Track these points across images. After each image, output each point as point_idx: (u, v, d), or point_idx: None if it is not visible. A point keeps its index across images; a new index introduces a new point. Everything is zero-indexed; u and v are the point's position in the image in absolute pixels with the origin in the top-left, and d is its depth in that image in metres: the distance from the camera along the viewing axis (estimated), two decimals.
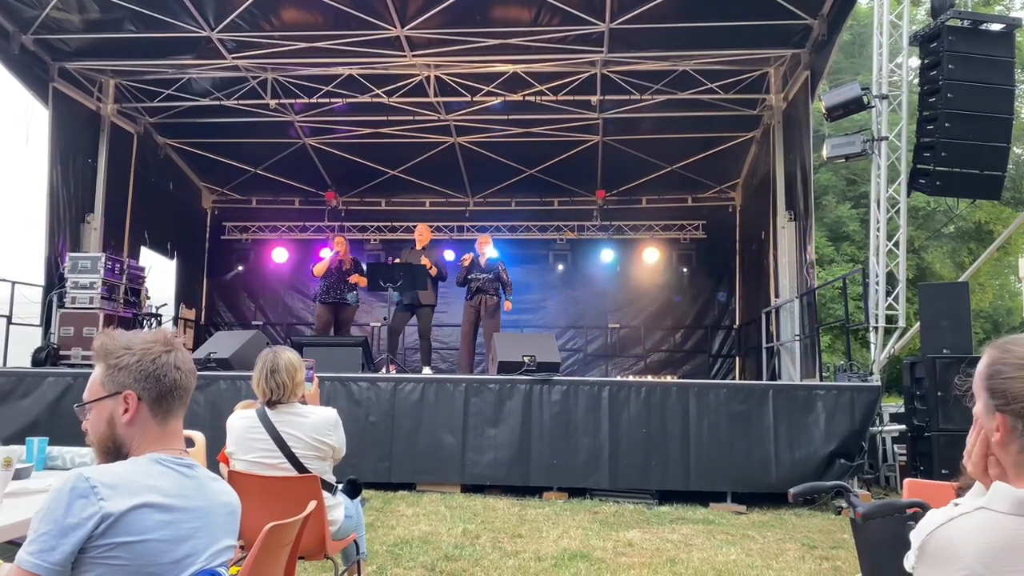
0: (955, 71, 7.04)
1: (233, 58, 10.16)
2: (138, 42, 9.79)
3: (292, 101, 11.35)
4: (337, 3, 8.96)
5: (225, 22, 9.29)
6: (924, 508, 2.28)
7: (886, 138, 7.56)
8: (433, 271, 9.40)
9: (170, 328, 9.88)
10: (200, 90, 11.27)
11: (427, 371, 9.43)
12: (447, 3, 8.85)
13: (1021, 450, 1.32)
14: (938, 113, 7.08)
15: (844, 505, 6.33)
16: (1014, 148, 15.17)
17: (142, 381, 1.68)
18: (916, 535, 1.31)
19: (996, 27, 7.41)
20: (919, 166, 7.37)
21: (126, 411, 1.68)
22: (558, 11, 9.04)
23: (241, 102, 11.21)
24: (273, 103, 11.09)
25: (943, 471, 6.27)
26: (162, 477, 1.64)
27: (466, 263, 9.69)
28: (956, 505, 1.34)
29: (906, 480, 2.84)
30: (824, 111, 7.83)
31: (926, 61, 7.36)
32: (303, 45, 9.87)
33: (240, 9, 9.05)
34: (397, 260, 9.91)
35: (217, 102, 11.22)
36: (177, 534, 1.60)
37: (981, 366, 1.41)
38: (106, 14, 9.22)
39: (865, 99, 7.58)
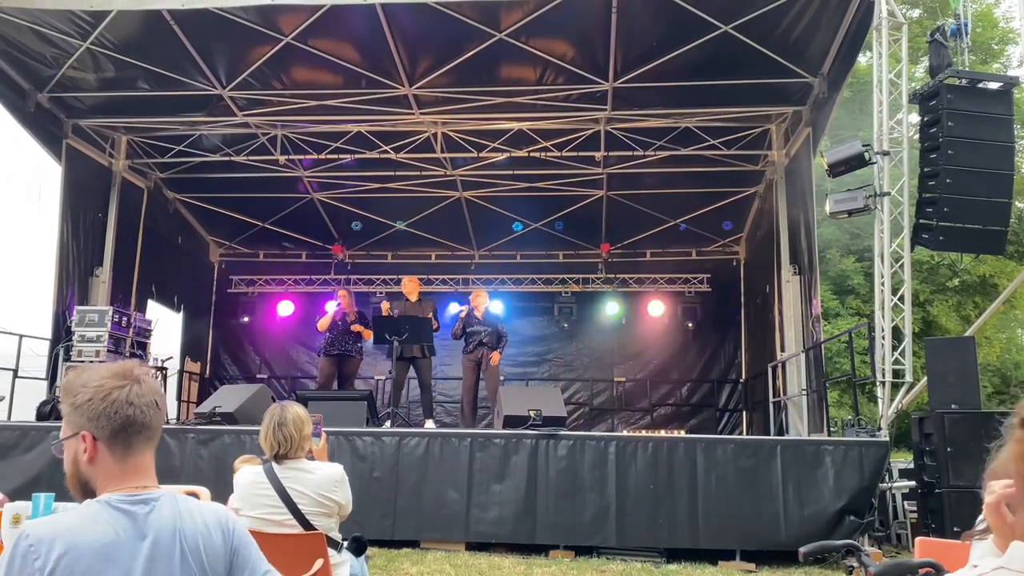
0: (955, 128, 7.12)
1: (244, 115, 10.35)
2: (151, 100, 9.99)
3: (301, 157, 11.53)
4: (347, 63, 9.17)
5: (237, 80, 9.50)
6: (936, 568, 2.26)
7: (888, 193, 7.60)
8: (435, 324, 9.45)
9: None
10: (210, 146, 11.45)
11: (429, 424, 9.34)
12: (455, 63, 9.05)
13: None
14: (939, 169, 7.14)
15: (855, 564, 6.21)
16: (1016, 203, 15.26)
17: (95, 420, 1.63)
18: None
19: (994, 86, 7.52)
20: (922, 221, 7.40)
21: (86, 451, 1.64)
22: (563, 71, 9.24)
23: (251, 158, 11.38)
24: (282, 159, 11.25)
25: (954, 528, 6.17)
26: (107, 524, 1.57)
27: (463, 315, 9.73)
28: (975, 567, 1.32)
29: (918, 539, 2.81)
30: (826, 168, 7.90)
31: (926, 118, 7.46)
32: (313, 103, 10.07)
33: (252, 68, 9.26)
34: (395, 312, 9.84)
35: (227, 158, 11.39)
36: None
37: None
38: (120, 73, 9.42)
39: (867, 156, 7.65)
